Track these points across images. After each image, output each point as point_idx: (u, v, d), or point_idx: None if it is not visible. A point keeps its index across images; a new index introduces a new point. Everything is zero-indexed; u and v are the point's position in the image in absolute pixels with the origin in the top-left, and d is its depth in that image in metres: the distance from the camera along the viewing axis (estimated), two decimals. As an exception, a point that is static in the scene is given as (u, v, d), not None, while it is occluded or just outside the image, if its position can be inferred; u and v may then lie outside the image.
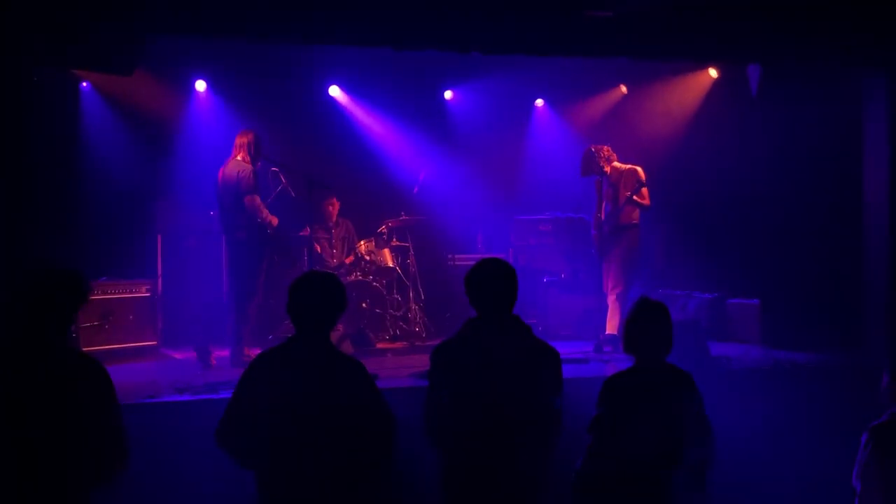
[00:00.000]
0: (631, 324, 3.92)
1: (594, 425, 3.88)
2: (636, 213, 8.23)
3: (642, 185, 8.06)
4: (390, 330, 9.08)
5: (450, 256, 9.96)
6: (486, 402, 3.73)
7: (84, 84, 9.16)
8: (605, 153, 8.37)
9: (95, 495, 3.40)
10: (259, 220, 7.52)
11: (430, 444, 3.92)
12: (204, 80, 9.59)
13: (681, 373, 3.92)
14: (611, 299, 8.27)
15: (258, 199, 7.53)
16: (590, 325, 8.53)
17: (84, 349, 7.72)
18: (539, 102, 11.07)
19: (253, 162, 7.61)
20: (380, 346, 8.69)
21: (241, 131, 7.76)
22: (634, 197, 8.05)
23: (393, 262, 9.31)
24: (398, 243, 9.54)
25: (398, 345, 8.82)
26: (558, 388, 3.88)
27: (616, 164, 8.37)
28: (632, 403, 3.83)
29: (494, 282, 3.87)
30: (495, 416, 3.73)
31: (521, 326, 3.87)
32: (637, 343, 3.90)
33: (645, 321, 3.90)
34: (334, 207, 9.52)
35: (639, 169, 8.23)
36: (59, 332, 3.41)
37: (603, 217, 8.39)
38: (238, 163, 7.58)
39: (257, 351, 4.50)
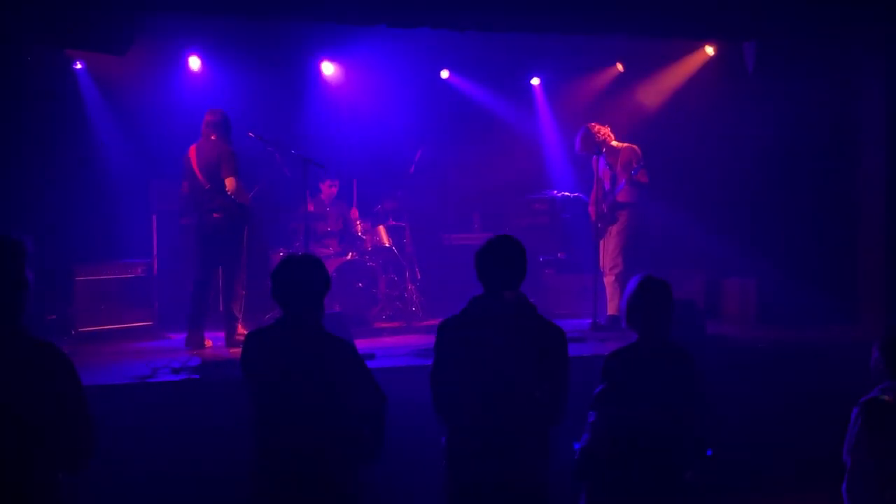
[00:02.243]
0: (634, 300, 3.95)
1: (597, 400, 3.90)
2: (634, 192, 8.22)
3: (642, 165, 8.05)
4: (386, 310, 9.07)
5: (446, 236, 9.95)
6: (491, 378, 3.75)
7: (78, 64, 9.09)
8: (603, 132, 8.36)
9: (66, 481, 3.20)
10: (239, 202, 7.47)
11: (436, 418, 3.95)
12: (198, 58, 9.53)
13: (681, 350, 3.96)
14: (609, 280, 8.27)
15: (239, 180, 7.46)
16: (586, 303, 8.53)
17: (80, 329, 7.74)
18: (535, 81, 11.02)
19: (228, 142, 7.55)
20: (376, 325, 8.69)
21: (209, 110, 7.63)
22: (634, 177, 8.05)
23: (389, 241, 9.30)
24: (394, 223, 9.52)
25: (394, 324, 8.82)
26: (564, 366, 3.88)
27: (613, 143, 8.36)
28: (633, 379, 3.86)
29: (503, 259, 3.89)
30: (499, 393, 3.74)
31: (526, 304, 3.88)
32: (640, 320, 3.94)
33: (648, 298, 3.94)
34: (332, 189, 9.50)
35: (636, 148, 8.22)
36: (8, 312, 3.10)
37: (600, 196, 8.38)
38: (215, 143, 7.48)
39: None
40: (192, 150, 7.55)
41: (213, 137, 7.49)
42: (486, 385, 3.75)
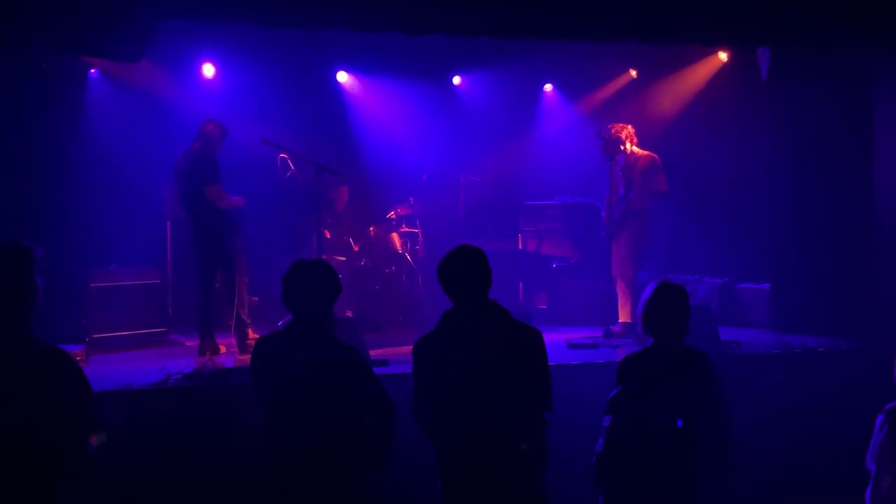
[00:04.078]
0: (650, 305, 3.96)
1: (612, 404, 3.89)
2: (648, 199, 8.18)
3: (659, 171, 8.04)
4: (399, 316, 9.07)
5: (458, 242, 9.93)
6: (474, 392, 3.70)
7: (92, 71, 9.15)
8: (628, 133, 8.29)
9: (74, 486, 3.19)
10: (222, 208, 7.46)
11: (424, 437, 3.91)
12: (212, 64, 9.58)
13: (697, 353, 3.96)
14: (620, 286, 8.24)
15: (220, 188, 7.45)
16: (599, 310, 8.50)
17: (94, 336, 7.76)
18: (548, 87, 11.03)
19: (210, 151, 7.53)
20: (389, 331, 8.68)
21: (203, 121, 7.69)
22: (652, 185, 8.03)
23: (402, 247, 9.31)
24: (407, 229, 9.53)
25: (407, 331, 8.80)
26: (544, 366, 3.85)
27: (634, 148, 8.31)
28: (649, 382, 3.85)
29: (464, 269, 3.85)
30: (485, 406, 3.70)
31: (498, 311, 3.83)
32: (656, 325, 3.94)
33: (665, 303, 3.95)
34: (343, 196, 9.52)
35: (656, 157, 8.19)
36: (16, 318, 3.12)
37: (614, 201, 8.34)
38: (198, 151, 7.52)
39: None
40: (180, 158, 7.60)
41: (196, 146, 7.53)
42: (470, 401, 3.70)
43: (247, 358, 6.87)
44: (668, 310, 3.93)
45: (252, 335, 7.47)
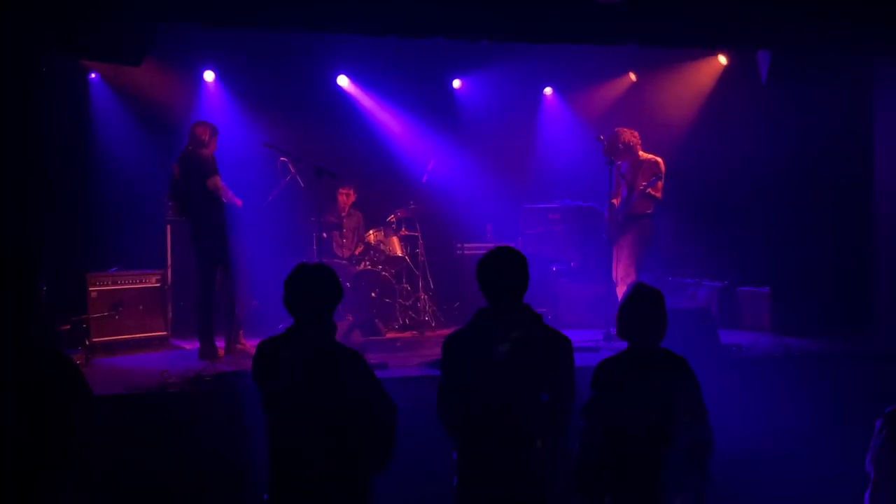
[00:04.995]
0: (624, 309, 3.94)
1: (586, 409, 3.89)
2: (651, 204, 8.17)
3: (659, 177, 8.01)
4: (399, 319, 9.07)
5: (459, 245, 9.95)
6: (498, 391, 3.72)
7: (92, 74, 9.16)
8: (633, 138, 8.28)
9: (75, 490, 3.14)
10: (226, 201, 7.49)
11: (444, 432, 3.92)
12: (212, 70, 9.58)
13: (674, 357, 3.92)
14: (622, 290, 8.23)
15: (219, 179, 7.47)
16: (599, 313, 8.50)
17: (95, 339, 7.76)
18: (548, 91, 11.03)
19: (208, 147, 7.56)
20: (389, 335, 8.68)
21: (192, 124, 7.74)
22: (648, 189, 8.01)
23: (402, 251, 9.30)
24: (407, 232, 9.53)
25: (407, 334, 8.82)
26: (570, 375, 3.87)
27: (640, 152, 8.29)
28: (621, 386, 3.84)
29: (504, 270, 3.87)
30: (507, 406, 3.72)
31: (531, 315, 3.86)
32: (629, 328, 3.93)
33: (638, 307, 3.92)
34: (348, 197, 9.53)
35: (660, 160, 8.17)
36: (17, 322, 3.09)
37: (617, 204, 8.34)
38: (190, 152, 7.56)
39: (255, 341, 4.51)
40: (175, 164, 7.66)
41: (189, 148, 7.58)
42: (496, 399, 3.72)
43: (241, 360, 6.93)
44: (641, 313, 3.89)
45: (243, 339, 7.47)
